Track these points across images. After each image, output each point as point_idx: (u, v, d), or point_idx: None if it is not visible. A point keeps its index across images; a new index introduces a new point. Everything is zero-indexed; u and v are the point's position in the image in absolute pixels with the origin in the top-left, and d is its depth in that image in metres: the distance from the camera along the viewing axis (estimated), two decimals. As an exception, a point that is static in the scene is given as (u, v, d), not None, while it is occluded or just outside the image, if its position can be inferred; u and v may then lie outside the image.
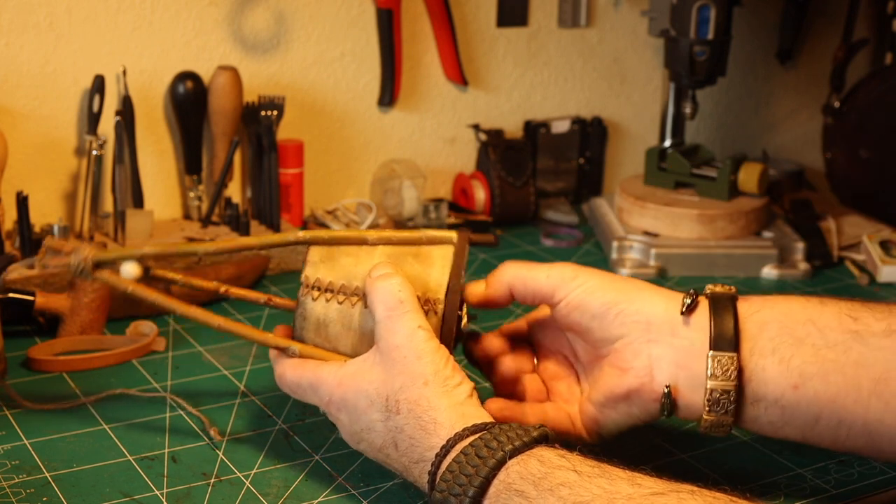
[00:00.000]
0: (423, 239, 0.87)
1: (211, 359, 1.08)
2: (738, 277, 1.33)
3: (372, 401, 0.81)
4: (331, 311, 0.85)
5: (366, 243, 0.87)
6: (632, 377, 0.84)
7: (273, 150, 1.31)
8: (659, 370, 0.83)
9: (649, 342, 0.84)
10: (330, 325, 0.86)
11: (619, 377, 0.85)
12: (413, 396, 0.79)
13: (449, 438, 0.76)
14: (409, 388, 0.79)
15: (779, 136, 1.77)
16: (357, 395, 0.82)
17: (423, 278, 0.85)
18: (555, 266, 0.88)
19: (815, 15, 1.72)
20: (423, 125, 1.50)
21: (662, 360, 0.83)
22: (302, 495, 0.85)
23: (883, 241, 1.37)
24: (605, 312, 0.85)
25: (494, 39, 1.51)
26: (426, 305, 0.84)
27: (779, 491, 0.87)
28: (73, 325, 1.09)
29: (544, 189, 1.55)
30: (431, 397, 0.78)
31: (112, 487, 0.85)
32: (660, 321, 0.84)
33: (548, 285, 0.86)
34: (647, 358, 0.84)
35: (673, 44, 1.38)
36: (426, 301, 0.84)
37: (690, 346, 0.83)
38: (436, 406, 0.78)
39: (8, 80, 1.24)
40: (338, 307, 0.85)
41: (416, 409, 0.78)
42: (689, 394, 0.83)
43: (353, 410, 0.82)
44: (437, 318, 0.84)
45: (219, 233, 1.29)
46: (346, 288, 0.85)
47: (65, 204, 1.30)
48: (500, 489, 0.73)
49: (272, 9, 1.36)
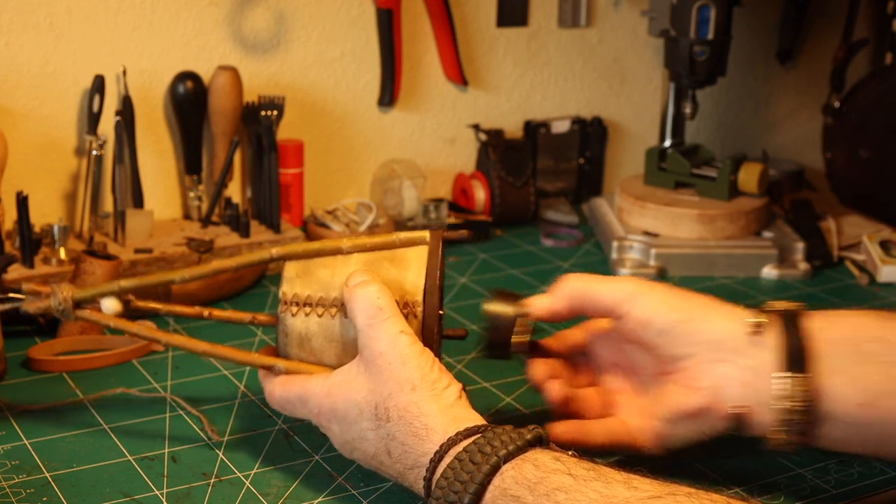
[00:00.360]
0: (396, 242, 0.87)
1: (211, 359, 1.07)
2: (738, 277, 1.33)
3: (361, 410, 0.81)
4: (311, 325, 0.85)
5: (340, 252, 0.87)
6: (700, 396, 0.84)
7: (273, 150, 1.31)
8: (728, 389, 0.83)
9: (718, 361, 0.84)
10: (312, 339, 0.86)
11: (686, 395, 0.84)
12: (402, 403, 0.79)
13: (442, 444, 0.76)
14: (397, 394, 0.79)
15: (779, 136, 1.77)
16: (346, 405, 0.82)
17: (400, 282, 0.85)
18: (617, 280, 0.88)
19: (815, 15, 1.72)
20: (423, 125, 1.50)
21: (731, 380, 0.83)
22: (302, 495, 0.85)
23: (883, 241, 1.37)
24: (671, 330, 0.84)
25: (494, 39, 1.51)
26: (405, 309, 0.84)
27: (779, 491, 0.87)
28: (73, 325, 1.09)
29: (544, 189, 1.55)
30: (421, 402, 0.78)
31: (112, 487, 0.85)
32: (728, 340, 0.83)
33: (611, 299, 0.86)
34: (715, 377, 0.83)
35: (673, 44, 1.38)
36: (405, 304, 0.84)
37: (760, 366, 0.82)
38: (426, 411, 0.78)
39: (8, 80, 1.24)
40: (318, 320, 0.85)
41: (407, 416, 0.78)
42: (760, 413, 0.83)
43: (343, 420, 0.82)
44: (418, 320, 0.84)
45: (219, 232, 1.29)
46: (324, 300, 0.85)
47: (65, 204, 1.30)
48: (496, 495, 0.73)
49: (272, 9, 1.36)
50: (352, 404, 0.81)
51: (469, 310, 1.20)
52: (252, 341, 1.11)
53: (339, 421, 0.82)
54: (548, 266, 1.35)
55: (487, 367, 1.06)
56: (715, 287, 1.30)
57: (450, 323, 1.17)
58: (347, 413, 0.81)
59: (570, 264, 1.36)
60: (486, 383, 1.04)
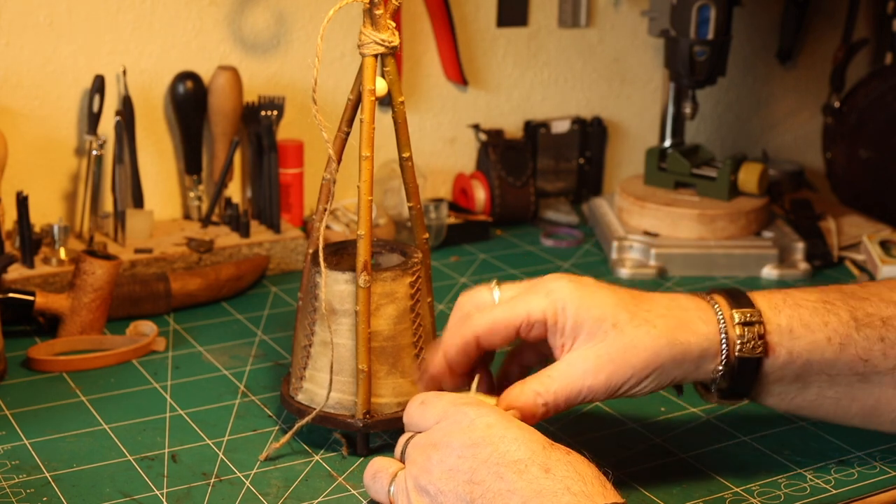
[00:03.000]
0: None
1: (211, 359, 1.08)
2: (738, 277, 1.33)
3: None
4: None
5: None
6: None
7: (273, 150, 1.31)
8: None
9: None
10: None
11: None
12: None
13: None
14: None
15: (779, 136, 1.77)
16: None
17: None
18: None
19: (815, 15, 1.72)
20: (423, 125, 1.50)
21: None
22: (302, 495, 0.85)
23: (883, 241, 1.37)
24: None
25: (494, 39, 1.51)
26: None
27: (779, 491, 0.87)
28: (73, 325, 1.09)
29: (544, 189, 1.55)
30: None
31: (112, 487, 0.85)
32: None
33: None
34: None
35: (673, 44, 1.38)
36: None
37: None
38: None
39: (8, 80, 1.24)
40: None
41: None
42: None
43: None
44: None
45: (219, 233, 1.29)
46: None
47: (65, 204, 1.30)
48: None
49: (272, 9, 1.36)
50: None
51: (469, 310, 1.20)
52: (252, 341, 1.12)
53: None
54: (548, 266, 1.35)
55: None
56: (715, 287, 1.29)
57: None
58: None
59: (570, 264, 1.36)
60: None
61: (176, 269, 1.22)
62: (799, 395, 0.86)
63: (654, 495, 0.86)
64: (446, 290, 1.25)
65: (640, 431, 0.96)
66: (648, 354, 0.82)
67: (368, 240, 0.88)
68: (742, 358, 0.83)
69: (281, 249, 1.28)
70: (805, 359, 0.84)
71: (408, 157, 0.93)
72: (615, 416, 0.98)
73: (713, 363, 0.84)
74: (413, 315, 0.91)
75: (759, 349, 0.83)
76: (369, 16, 0.89)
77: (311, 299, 0.91)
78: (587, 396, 0.82)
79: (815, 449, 0.93)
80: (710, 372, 0.84)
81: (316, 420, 0.90)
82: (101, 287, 1.08)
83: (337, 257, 0.95)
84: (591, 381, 0.81)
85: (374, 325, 0.89)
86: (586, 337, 0.82)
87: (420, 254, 0.94)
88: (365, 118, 0.89)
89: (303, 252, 1.29)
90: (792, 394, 0.86)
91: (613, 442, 0.94)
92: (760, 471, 0.90)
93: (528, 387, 0.82)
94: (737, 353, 0.83)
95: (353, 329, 0.89)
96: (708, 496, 0.86)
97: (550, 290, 0.84)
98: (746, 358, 0.83)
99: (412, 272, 0.91)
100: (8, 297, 1.07)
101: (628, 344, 0.82)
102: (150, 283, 1.16)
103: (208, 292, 1.19)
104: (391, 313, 0.90)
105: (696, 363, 0.83)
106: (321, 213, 0.92)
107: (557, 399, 0.82)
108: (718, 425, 0.96)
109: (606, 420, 0.97)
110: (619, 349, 0.82)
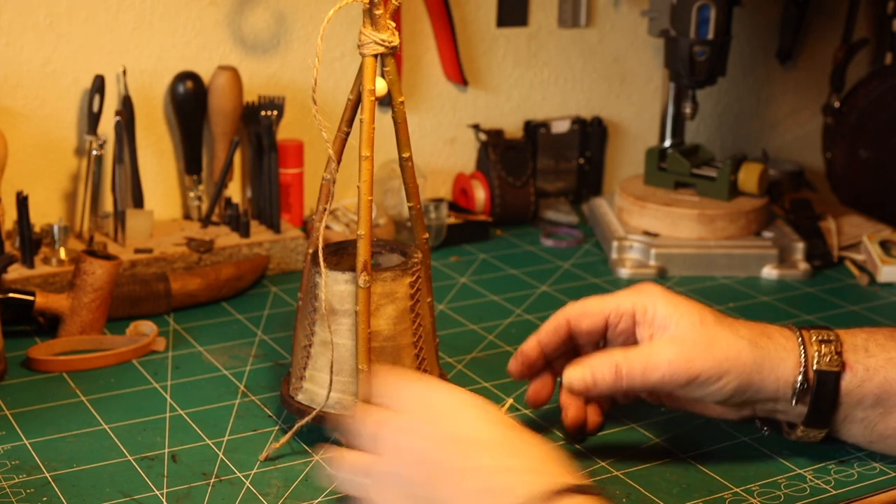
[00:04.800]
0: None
1: (211, 359, 1.08)
2: (738, 277, 1.33)
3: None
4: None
5: None
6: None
7: (273, 150, 1.31)
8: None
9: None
10: None
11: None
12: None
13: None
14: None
15: (779, 136, 1.77)
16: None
17: None
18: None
19: (815, 15, 1.72)
20: (423, 125, 1.50)
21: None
22: (302, 495, 0.85)
23: (883, 241, 1.37)
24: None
25: (494, 39, 1.51)
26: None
27: (779, 491, 0.87)
28: (73, 325, 1.09)
29: (544, 189, 1.55)
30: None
31: (112, 487, 0.85)
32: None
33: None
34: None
35: (673, 44, 1.38)
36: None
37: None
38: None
39: (8, 80, 1.24)
40: None
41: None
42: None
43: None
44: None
45: (219, 233, 1.29)
46: None
47: (65, 204, 1.30)
48: None
49: (272, 9, 1.36)
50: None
51: (469, 309, 1.20)
52: (252, 341, 1.12)
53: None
54: (548, 266, 1.35)
55: (487, 368, 1.07)
56: (715, 287, 1.30)
57: (449, 323, 1.17)
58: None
59: (570, 264, 1.36)
60: (486, 383, 1.04)
61: (176, 269, 1.22)
62: (881, 422, 0.88)
63: (654, 495, 0.86)
64: (446, 290, 1.25)
65: (640, 431, 0.96)
66: (732, 351, 0.86)
67: (368, 240, 0.88)
68: (820, 371, 0.86)
69: (281, 249, 1.28)
70: (882, 376, 0.87)
71: (408, 157, 0.93)
72: (615, 415, 0.98)
73: (793, 375, 0.87)
74: (413, 315, 0.91)
75: (837, 364, 0.86)
76: (369, 16, 0.89)
77: (311, 299, 0.91)
78: (665, 375, 0.86)
79: (815, 449, 0.92)
80: (790, 385, 0.87)
81: (316, 420, 0.90)
82: (101, 287, 1.08)
83: (337, 257, 0.95)
84: (672, 359, 0.86)
85: (374, 325, 0.89)
86: (674, 328, 0.88)
87: (420, 254, 0.94)
88: (365, 118, 0.89)
89: (303, 252, 1.29)
90: (874, 419, 0.88)
91: (613, 442, 0.94)
92: (760, 471, 0.90)
93: (610, 354, 0.88)
94: (815, 366, 0.86)
95: (352, 329, 0.89)
96: (708, 496, 0.86)
97: (642, 289, 0.91)
98: (825, 372, 0.86)
99: (412, 272, 0.91)
100: (8, 297, 1.07)
101: (713, 338, 0.87)
102: (150, 283, 1.16)
103: (208, 292, 1.19)
104: (391, 313, 0.90)
105: (776, 372, 0.87)
106: (321, 213, 0.91)
107: (632, 368, 0.87)
108: (718, 425, 0.96)
109: (606, 420, 0.97)
110: (704, 341, 0.87)
